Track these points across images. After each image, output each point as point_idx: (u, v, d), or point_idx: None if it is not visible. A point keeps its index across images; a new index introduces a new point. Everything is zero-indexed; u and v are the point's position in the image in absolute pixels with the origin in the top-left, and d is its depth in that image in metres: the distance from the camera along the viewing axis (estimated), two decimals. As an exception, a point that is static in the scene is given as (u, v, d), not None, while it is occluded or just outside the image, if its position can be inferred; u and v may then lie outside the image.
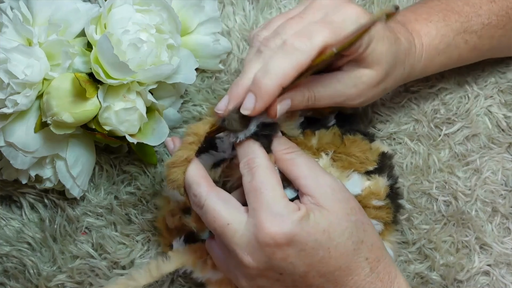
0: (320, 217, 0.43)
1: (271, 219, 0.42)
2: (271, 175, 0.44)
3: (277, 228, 0.42)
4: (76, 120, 0.50)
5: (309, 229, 0.42)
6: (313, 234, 0.42)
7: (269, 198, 0.43)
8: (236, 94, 0.44)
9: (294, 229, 0.42)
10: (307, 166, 0.45)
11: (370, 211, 0.50)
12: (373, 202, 0.50)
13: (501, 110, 0.60)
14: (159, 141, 0.54)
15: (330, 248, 0.43)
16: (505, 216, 0.58)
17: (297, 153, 0.46)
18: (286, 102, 0.45)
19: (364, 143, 0.51)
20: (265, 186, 0.43)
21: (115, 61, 0.48)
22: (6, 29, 0.50)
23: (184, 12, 0.56)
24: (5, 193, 0.59)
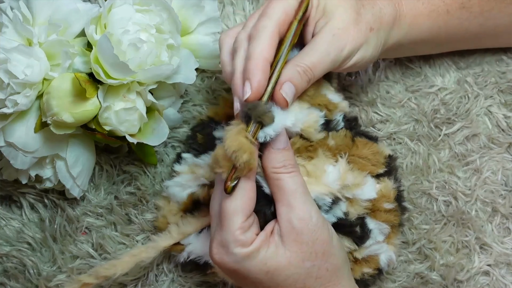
0: (271, 256, 0.44)
1: (218, 248, 0.45)
2: (239, 200, 0.44)
3: (220, 258, 0.44)
4: (76, 120, 0.50)
5: (251, 268, 0.44)
6: (254, 273, 0.44)
7: (224, 226, 0.44)
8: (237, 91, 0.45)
9: (235, 265, 0.44)
10: (291, 193, 0.45)
11: (381, 215, 0.50)
12: (384, 205, 0.50)
13: (501, 110, 0.60)
14: (159, 141, 0.54)
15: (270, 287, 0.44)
16: (505, 216, 0.58)
17: (286, 175, 0.45)
18: (288, 85, 0.45)
19: (375, 146, 0.52)
20: (226, 211, 0.44)
21: (115, 61, 0.48)
22: (6, 29, 0.50)
23: (184, 12, 0.56)
24: (5, 193, 0.59)
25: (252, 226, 0.45)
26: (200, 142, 0.55)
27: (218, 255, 0.44)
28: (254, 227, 0.45)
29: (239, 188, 0.44)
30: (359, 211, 0.49)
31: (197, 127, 0.56)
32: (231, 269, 0.45)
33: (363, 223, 0.50)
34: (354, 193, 0.49)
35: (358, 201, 0.49)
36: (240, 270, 0.44)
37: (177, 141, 0.59)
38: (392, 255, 0.52)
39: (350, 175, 0.49)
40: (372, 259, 0.51)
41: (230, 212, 0.44)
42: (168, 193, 0.55)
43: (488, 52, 0.61)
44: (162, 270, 0.58)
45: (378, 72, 0.60)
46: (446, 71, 0.60)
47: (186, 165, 0.54)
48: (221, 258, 0.44)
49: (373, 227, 0.50)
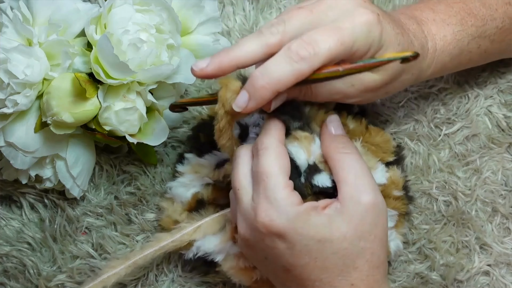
0: (324, 226, 0.42)
1: (267, 208, 0.42)
2: (277, 160, 0.43)
3: (270, 219, 0.42)
4: (76, 120, 0.50)
5: (303, 231, 0.42)
6: (305, 238, 0.42)
7: (269, 185, 0.42)
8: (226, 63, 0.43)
9: (287, 225, 0.42)
10: (355, 173, 0.44)
11: (390, 201, 0.50)
12: (393, 192, 0.50)
13: (501, 110, 0.60)
14: (159, 141, 0.54)
15: (317, 259, 0.42)
16: (505, 216, 0.58)
17: (349, 154, 0.45)
18: (281, 97, 0.44)
19: (386, 135, 0.52)
20: (267, 172, 0.43)
21: (115, 61, 0.48)
22: (6, 29, 0.50)
23: (184, 12, 0.56)
24: (5, 193, 0.59)
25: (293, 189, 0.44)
26: (203, 142, 0.55)
27: (268, 217, 0.42)
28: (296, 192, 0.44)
29: (273, 151, 0.43)
30: None
31: (198, 127, 0.56)
32: (281, 232, 0.42)
33: None
34: None
35: None
36: (291, 233, 0.41)
37: (177, 141, 0.59)
38: (399, 243, 0.52)
39: (364, 158, 0.48)
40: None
41: (273, 171, 0.42)
42: (172, 194, 0.55)
43: (488, 52, 0.61)
44: (162, 270, 0.58)
45: (378, 72, 0.60)
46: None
47: (189, 165, 0.54)
48: (271, 219, 0.42)
49: None
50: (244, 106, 0.42)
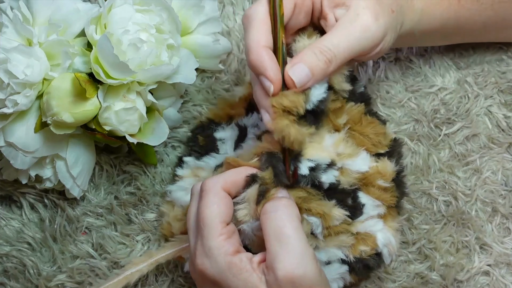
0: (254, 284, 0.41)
1: (202, 255, 0.43)
2: (215, 206, 0.43)
3: (204, 267, 0.42)
4: (76, 120, 0.50)
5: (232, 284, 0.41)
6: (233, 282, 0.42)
7: (205, 233, 0.42)
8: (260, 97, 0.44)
9: (218, 275, 0.42)
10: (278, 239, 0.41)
11: (374, 191, 0.50)
12: (378, 182, 0.50)
13: (501, 110, 0.60)
14: (159, 141, 0.54)
15: None
16: (505, 216, 0.58)
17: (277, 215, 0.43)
18: (298, 67, 0.43)
19: (381, 127, 0.52)
20: (203, 218, 0.43)
21: (115, 61, 0.48)
22: (6, 29, 0.50)
23: (184, 12, 0.56)
24: (5, 193, 0.59)
25: (233, 234, 0.43)
26: (201, 145, 0.55)
27: (202, 265, 0.42)
28: (235, 237, 0.43)
29: (213, 197, 0.43)
30: (350, 181, 0.49)
31: (197, 129, 0.56)
32: (213, 280, 0.42)
33: (355, 196, 0.49)
34: (344, 163, 0.48)
35: (348, 171, 0.49)
36: (222, 282, 0.42)
37: (177, 141, 0.59)
38: (390, 237, 0.51)
39: (343, 145, 0.49)
40: (368, 237, 0.50)
41: (208, 218, 0.42)
42: (172, 198, 0.55)
43: (488, 52, 0.61)
44: (162, 270, 0.58)
45: (378, 72, 0.60)
46: (446, 71, 0.60)
47: (189, 168, 0.54)
48: (205, 267, 0.42)
49: (366, 201, 0.50)
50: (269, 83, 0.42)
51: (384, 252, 0.51)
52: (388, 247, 0.51)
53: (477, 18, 0.54)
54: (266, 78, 0.42)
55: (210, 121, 0.56)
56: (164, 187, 0.58)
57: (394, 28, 0.47)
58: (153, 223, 0.58)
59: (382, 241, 0.50)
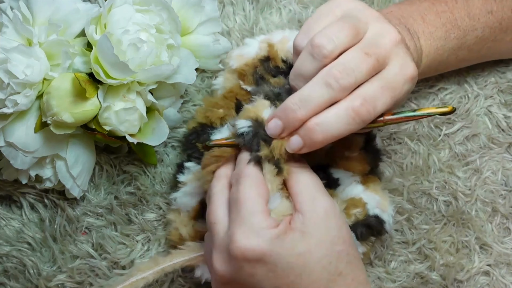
0: (300, 239, 0.42)
1: (244, 232, 0.42)
2: (256, 187, 0.43)
3: (248, 243, 0.41)
4: (76, 120, 0.50)
5: (282, 250, 0.41)
6: (285, 256, 0.41)
7: (247, 211, 0.42)
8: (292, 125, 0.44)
9: (266, 247, 0.41)
10: (307, 184, 0.45)
11: (342, 163, 0.51)
12: (344, 154, 0.51)
13: (501, 110, 0.60)
14: (159, 141, 0.54)
15: (302, 275, 0.41)
16: (505, 216, 0.58)
17: (301, 169, 0.46)
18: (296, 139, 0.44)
19: None
20: (246, 198, 0.43)
21: (115, 61, 0.48)
22: (6, 29, 0.50)
23: (184, 12, 0.56)
24: (5, 193, 0.59)
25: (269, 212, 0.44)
26: (202, 151, 0.54)
27: (245, 240, 0.41)
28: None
29: (252, 179, 0.44)
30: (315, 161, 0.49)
31: (191, 136, 0.55)
32: (259, 256, 0.41)
33: (327, 173, 0.51)
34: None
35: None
36: (270, 254, 0.41)
37: (177, 141, 0.59)
38: (376, 197, 0.51)
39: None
40: (355, 200, 0.51)
41: (251, 196, 0.43)
42: (178, 205, 0.54)
43: (488, 52, 0.61)
44: (162, 270, 0.58)
45: (378, 72, 0.60)
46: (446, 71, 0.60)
47: (190, 173, 0.54)
48: (250, 242, 0.41)
49: (340, 175, 0.51)
50: (297, 150, 0.44)
51: (377, 212, 0.51)
52: (379, 207, 0.51)
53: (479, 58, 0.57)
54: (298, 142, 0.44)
55: (202, 125, 0.55)
56: (164, 187, 0.58)
57: None
58: (153, 223, 0.58)
59: (370, 201, 0.51)
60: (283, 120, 0.43)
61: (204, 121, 0.55)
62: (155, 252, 0.58)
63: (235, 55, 0.56)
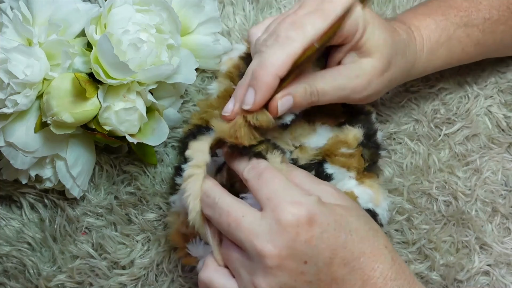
0: (333, 204, 0.43)
1: (290, 201, 0.41)
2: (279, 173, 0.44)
3: (297, 208, 0.41)
4: (76, 120, 0.50)
5: (327, 211, 0.42)
6: (332, 215, 0.42)
7: (281, 187, 0.42)
8: (240, 94, 0.45)
9: (314, 209, 0.41)
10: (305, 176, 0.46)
11: (338, 160, 0.51)
12: (341, 150, 0.51)
13: (501, 110, 0.60)
14: (159, 141, 0.54)
15: (351, 231, 0.42)
16: (505, 216, 0.58)
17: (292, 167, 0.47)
18: (287, 98, 0.45)
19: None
20: (276, 178, 0.43)
21: (115, 61, 0.48)
22: (6, 29, 0.50)
23: (184, 12, 0.56)
24: (5, 193, 0.59)
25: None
26: None
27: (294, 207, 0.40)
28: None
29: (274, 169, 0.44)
30: (308, 157, 0.51)
31: (187, 138, 0.55)
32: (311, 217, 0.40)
33: (320, 168, 0.51)
34: (301, 141, 0.51)
35: (307, 149, 0.51)
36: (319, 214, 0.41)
37: (177, 141, 0.59)
38: (369, 191, 0.51)
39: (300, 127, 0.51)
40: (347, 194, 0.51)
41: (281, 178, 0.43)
42: (177, 207, 0.54)
43: (488, 52, 0.61)
44: (162, 270, 0.58)
45: (378, 72, 0.60)
46: (446, 71, 0.60)
47: None
48: (299, 207, 0.41)
49: (333, 171, 0.51)
50: (252, 102, 0.44)
51: (370, 206, 0.51)
52: (372, 201, 0.51)
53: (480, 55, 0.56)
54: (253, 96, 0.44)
55: (198, 127, 0.55)
56: (164, 187, 0.58)
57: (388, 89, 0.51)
58: (153, 223, 0.58)
59: (362, 196, 0.51)
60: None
61: (199, 122, 0.55)
62: (155, 252, 0.58)
63: (224, 60, 0.57)
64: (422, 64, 0.52)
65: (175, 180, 0.55)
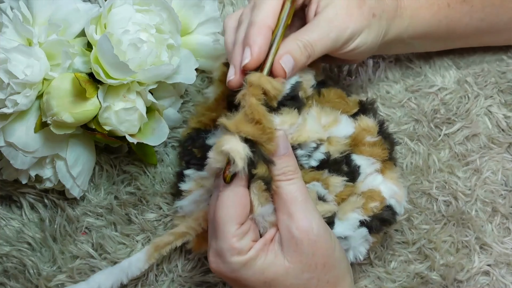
0: (269, 265, 0.43)
1: (215, 256, 0.44)
2: (230, 207, 0.43)
3: (217, 268, 0.44)
4: (76, 120, 0.50)
5: (249, 277, 0.43)
6: (252, 282, 0.43)
7: (218, 234, 0.43)
8: (236, 58, 0.45)
9: (232, 274, 0.43)
10: (290, 201, 0.44)
11: (365, 149, 0.50)
12: (366, 139, 0.51)
13: (501, 110, 0.60)
14: (159, 141, 0.54)
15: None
16: (505, 216, 0.58)
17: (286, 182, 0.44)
18: (286, 56, 0.44)
19: (339, 91, 0.52)
20: (217, 219, 0.43)
21: (115, 61, 0.48)
22: (6, 29, 0.50)
23: (184, 12, 0.56)
24: (5, 193, 0.59)
25: (248, 233, 0.44)
26: (199, 157, 0.54)
27: (215, 264, 0.44)
28: (250, 233, 0.44)
29: (230, 195, 0.43)
30: (340, 149, 0.50)
31: (186, 142, 0.55)
32: (229, 278, 0.44)
33: (348, 161, 0.50)
34: (330, 131, 0.50)
35: (336, 138, 0.50)
36: (238, 279, 0.43)
37: (177, 141, 0.59)
38: (393, 187, 0.51)
39: (324, 114, 0.50)
40: (374, 192, 0.50)
41: (222, 220, 0.43)
42: (184, 212, 0.54)
43: (488, 52, 0.61)
44: (162, 270, 0.58)
45: (378, 72, 0.60)
46: (446, 71, 0.60)
47: (192, 181, 0.54)
48: (218, 267, 0.44)
49: (361, 162, 0.50)
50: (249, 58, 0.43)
51: (392, 203, 0.51)
52: (395, 197, 0.51)
53: (468, 21, 0.54)
54: (250, 51, 0.43)
55: (197, 130, 0.55)
56: (164, 187, 0.58)
57: (375, 32, 0.49)
58: (153, 223, 0.58)
59: (387, 192, 0.51)
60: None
61: (198, 126, 0.55)
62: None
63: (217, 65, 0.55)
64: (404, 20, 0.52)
65: (179, 187, 0.55)
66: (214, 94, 0.55)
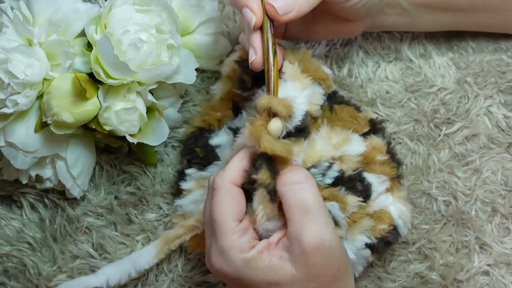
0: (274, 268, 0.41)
1: (216, 255, 0.42)
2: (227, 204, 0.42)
3: (219, 266, 0.42)
4: (76, 120, 0.50)
5: (253, 277, 0.41)
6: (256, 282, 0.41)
7: (217, 232, 0.42)
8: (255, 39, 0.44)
9: (236, 273, 0.41)
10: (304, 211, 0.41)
11: (376, 168, 0.50)
12: (377, 157, 0.51)
13: (501, 110, 0.60)
14: (159, 141, 0.54)
15: None
16: (505, 216, 0.58)
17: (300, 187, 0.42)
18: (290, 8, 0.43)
19: (352, 109, 0.52)
20: (215, 217, 0.42)
21: (115, 61, 0.48)
22: (6, 29, 0.50)
23: (184, 12, 0.56)
24: (6, 193, 0.59)
25: (248, 230, 0.43)
26: (201, 156, 0.54)
27: (218, 264, 0.42)
28: (250, 231, 0.43)
29: (223, 193, 0.42)
30: (352, 166, 0.49)
31: (189, 141, 0.55)
32: (232, 278, 0.42)
33: (361, 178, 0.50)
34: (342, 150, 0.49)
35: (348, 157, 0.49)
36: (241, 278, 0.41)
37: (177, 141, 0.59)
38: (401, 207, 0.51)
39: (334, 135, 0.50)
40: (384, 214, 0.50)
41: (220, 217, 0.42)
42: (183, 211, 0.54)
43: (488, 52, 0.61)
44: (162, 270, 0.58)
45: (378, 72, 0.60)
46: (446, 71, 0.60)
47: (193, 180, 0.54)
48: (221, 267, 0.42)
49: (372, 180, 0.50)
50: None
51: (399, 223, 0.51)
52: (402, 218, 0.51)
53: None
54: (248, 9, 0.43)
55: (201, 129, 0.55)
56: (164, 187, 0.58)
57: None
58: (153, 223, 0.58)
59: (396, 212, 0.51)
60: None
61: (201, 125, 0.55)
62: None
63: (227, 61, 0.55)
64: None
65: (180, 185, 0.55)
66: (220, 92, 0.55)
